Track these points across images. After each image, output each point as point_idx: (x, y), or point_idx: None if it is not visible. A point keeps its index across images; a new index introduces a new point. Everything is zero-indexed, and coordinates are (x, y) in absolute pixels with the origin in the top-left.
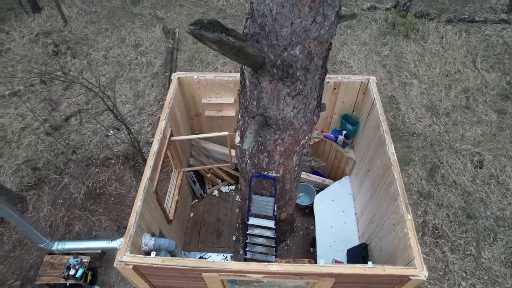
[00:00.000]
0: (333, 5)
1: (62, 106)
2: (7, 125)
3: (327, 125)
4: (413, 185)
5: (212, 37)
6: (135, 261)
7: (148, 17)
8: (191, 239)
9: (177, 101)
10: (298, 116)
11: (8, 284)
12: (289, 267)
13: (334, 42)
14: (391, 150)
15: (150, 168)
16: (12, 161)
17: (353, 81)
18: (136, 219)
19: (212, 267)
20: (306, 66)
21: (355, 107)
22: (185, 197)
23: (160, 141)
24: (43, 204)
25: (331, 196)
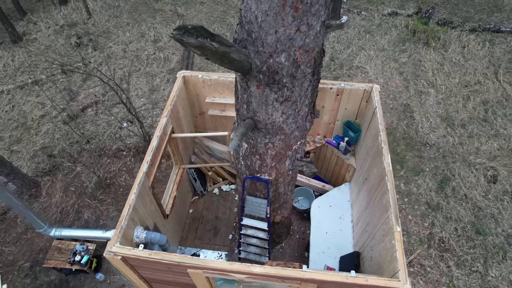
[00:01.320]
0: (317, 15)
1: (80, 97)
2: (27, 112)
3: (329, 131)
4: (422, 196)
5: (193, 42)
6: (124, 253)
7: (169, 13)
8: (188, 235)
9: (181, 99)
10: (287, 122)
11: (18, 264)
12: (272, 270)
13: (351, 47)
14: (387, 160)
15: (147, 163)
16: (30, 147)
17: (356, 88)
18: (128, 212)
19: (196, 264)
20: (292, 73)
21: (358, 114)
22: (185, 193)
23: (159, 138)
24: (55, 190)
25: (329, 202)
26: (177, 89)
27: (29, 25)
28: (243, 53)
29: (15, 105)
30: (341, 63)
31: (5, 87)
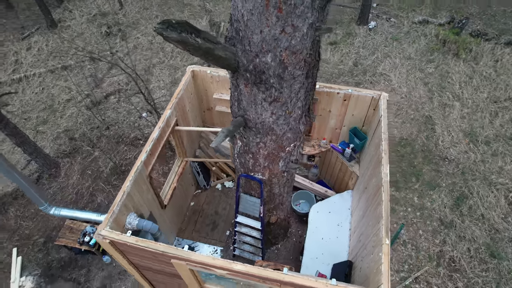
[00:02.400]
0: (303, 17)
1: (105, 84)
2: (55, 95)
3: (335, 136)
4: (435, 212)
5: (174, 37)
6: (112, 237)
7: (197, 8)
8: (187, 227)
9: (189, 93)
10: (278, 123)
11: (33, 239)
12: (252, 269)
13: (376, 53)
14: (385, 170)
15: (146, 152)
16: (54, 129)
17: (364, 95)
18: (122, 198)
19: (179, 255)
20: (279, 74)
21: (365, 121)
22: (188, 186)
23: (162, 129)
24: (73, 172)
25: (329, 208)
26: (184, 83)
27: (64, 12)
28: (230, 50)
29: (45, 88)
30: (364, 69)
31: (37, 70)
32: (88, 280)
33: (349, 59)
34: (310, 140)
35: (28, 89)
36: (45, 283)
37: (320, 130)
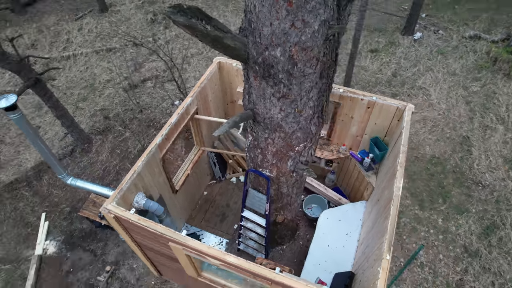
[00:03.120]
0: (315, 13)
1: (143, 69)
2: (97, 75)
3: (356, 143)
4: (460, 238)
5: (181, 21)
6: (117, 212)
7: (241, 4)
8: (197, 215)
9: (213, 83)
10: (287, 120)
11: (61, 207)
12: (244, 264)
13: (418, 66)
14: (398, 184)
15: (161, 136)
16: (92, 107)
17: (388, 104)
18: (132, 177)
19: (177, 239)
20: (288, 70)
21: (387, 132)
22: (203, 175)
23: (180, 115)
24: (104, 149)
25: (340, 216)
26: (209, 73)
27: None
28: (240, 41)
29: (89, 67)
30: (403, 80)
31: (85, 50)
32: (104, 253)
33: (389, 69)
34: (329, 145)
35: (74, 67)
36: (65, 250)
37: (341, 136)
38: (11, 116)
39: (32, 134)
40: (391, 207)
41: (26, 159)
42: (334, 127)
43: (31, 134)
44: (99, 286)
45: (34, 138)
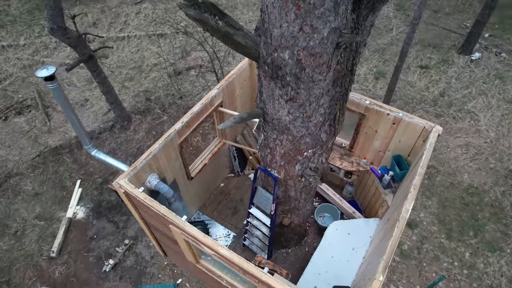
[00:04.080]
0: (324, 20)
1: (190, 57)
2: (146, 58)
3: (378, 158)
4: (487, 277)
5: (192, 14)
6: (127, 188)
7: None
8: (210, 205)
9: (242, 79)
10: (295, 124)
11: (94, 177)
12: (235, 258)
13: (471, 88)
14: (407, 206)
15: (182, 123)
16: (136, 87)
17: (415, 122)
18: (147, 158)
19: (176, 222)
20: (296, 73)
21: (411, 151)
22: (222, 167)
23: (204, 105)
24: (141, 129)
25: (350, 230)
26: (239, 68)
27: None
28: (251, 39)
29: (140, 50)
30: (451, 101)
31: (138, 33)
32: (125, 227)
33: (437, 87)
34: (350, 156)
35: (126, 48)
36: (92, 217)
37: (363, 149)
38: (49, 85)
39: (66, 104)
40: (395, 228)
41: (71, 128)
42: (357, 138)
43: (65, 104)
44: (116, 256)
45: (67, 108)
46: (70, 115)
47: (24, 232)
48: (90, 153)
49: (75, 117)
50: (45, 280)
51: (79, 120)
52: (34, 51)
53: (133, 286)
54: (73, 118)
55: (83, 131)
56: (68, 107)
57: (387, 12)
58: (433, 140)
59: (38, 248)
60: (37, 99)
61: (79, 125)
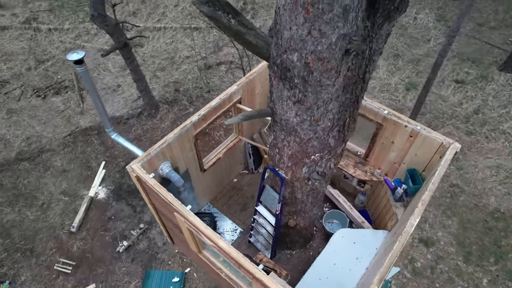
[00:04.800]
0: (332, 25)
1: (222, 53)
2: (179, 50)
3: (392, 170)
4: None
5: (205, 11)
6: (139, 173)
7: None
8: (221, 199)
9: (263, 78)
10: (302, 126)
11: (118, 160)
12: (233, 252)
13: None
14: (412, 221)
15: (198, 116)
16: (167, 78)
17: (432, 137)
18: (161, 146)
19: (180, 210)
20: (304, 76)
21: (427, 167)
22: (236, 163)
23: (222, 101)
24: (167, 118)
25: (356, 239)
26: (260, 67)
27: None
28: (263, 39)
29: (174, 41)
30: (485, 120)
31: (174, 25)
32: (142, 211)
33: (471, 104)
34: (365, 165)
35: (162, 38)
36: (112, 199)
37: (379, 159)
38: (78, 68)
39: (92, 87)
40: (397, 242)
41: None
42: (373, 148)
43: (91, 87)
44: (131, 239)
45: (93, 91)
46: (95, 98)
47: (49, 205)
48: (111, 136)
49: (99, 100)
50: (64, 252)
51: (103, 104)
52: (77, 35)
53: (143, 269)
54: (97, 101)
55: (105, 115)
56: (94, 90)
57: (426, 22)
58: (449, 157)
59: (61, 222)
60: (74, 81)
61: (102, 109)
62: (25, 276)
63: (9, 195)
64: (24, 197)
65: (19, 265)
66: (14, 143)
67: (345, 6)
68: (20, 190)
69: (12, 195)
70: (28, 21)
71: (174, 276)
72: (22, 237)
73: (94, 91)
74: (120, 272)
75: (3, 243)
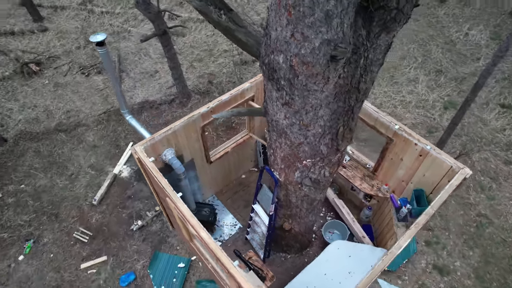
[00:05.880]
0: (315, 30)
1: None
2: (218, 43)
3: (400, 188)
4: None
5: (195, 4)
6: (140, 155)
7: None
8: (227, 192)
9: None
10: (292, 130)
11: None
12: (212, 244)
13: None
14: (400, 242)
15: (207, 108)
16: (203, 69)
17: (442, 159)
18: (167, 132)
19: (171, 196)
20: (290, 79)
21: (435, 189)
22: (246, 159)
23: (233, 96)
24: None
25: (352, 253)
26: None
27: None
28: (254, 38)
29: (215, 34)
30: None
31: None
32: None
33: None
34: (373, 179)
35: (203, 30)
36: (134, 179)
37: (387, 175)
38: (100, 50)
39: (111, 69)
40: (380, 261)
41: (137, 94)
42: (382, 163)
43: (111, 69)
44: (145, 219)
45: (112, 72)
46: (113, 80)
47: (77, 177)
48: (125, 117)
49: (118, 82)
50: (83, 222)
51: (121, 86)
52: (125, 20)
53: (152, 250)
54: (116, 83)
55: (122, 96)
56: (113, 72)
57: (478, 39)
58: (456, 182)
59: (85, 194)
60: (116, 63)
61: (119, 91)
62: (47, 239)
63: (45, 162)
64: (57, 165)
65: (44, 227)
66: (56, 115)
67: (327, 11)
68: (55, 158)
69: (47, 162)
70: (84, 2)
71: (180, 262)
72: (50, 202)
73: (113, 73)
74: (131, 250)
75: (33, 205)
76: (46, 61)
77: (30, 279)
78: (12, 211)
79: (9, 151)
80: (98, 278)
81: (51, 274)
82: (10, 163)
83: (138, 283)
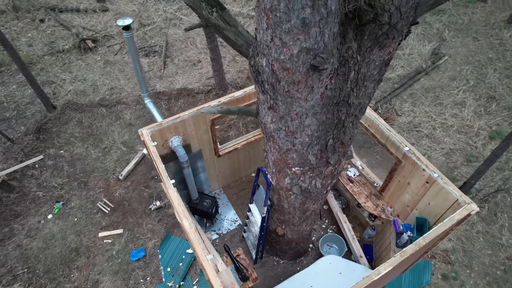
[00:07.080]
0: (293, 37)
1: None
2: None
3: (404, 213)
4: None
5: (186, 0)
6: (145, 138)
7: None
8: (234, 188)
9: None
10: (279, 135)
11: None
12: (191, 234)
13: None
14: (381, 269)
15: (218, 102)
16: (244, 64)
17: (448, 190)
18: (174, 120)
19: (165, 181)
20: (272, 83)
21: (438, 220)
22: (256, 158)
23: (246, 94)
24: None
25: (344, 270)
26: None
27: None
28: (244, 38)
29: None
30: None
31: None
32: None
33: None
34: (379, 199)
35: (251, 26)
36: None
37: (393, 197)
38: (125, 34)
39: (134, 53)
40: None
41: (178, 80)
42: (390, 184)
43: (133, 53)
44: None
45: (135, 57)
46: (135, 63)
47: (110, 151)
48: (144, 100)
49: (139, 67)
50: (108, 194)
51: (142, 71)
52: (179, 8)
53: (165, 231)
54: (137, 67)
55: (143, 81)
56: (136, 56)
57: None
58: (458, 216)
59: (113, 168)
60: (163, 48)
61: (141, 75)
62: (74, 203)
63: (84, 132)
64: (93, 137)
65: (73, 192)
66: (101, 90)
67: (304, 19)
68: (93, 130)
69: (86, 133)
70: None
71: (189, 247)
72: (82, 170)
73: (136, 57)
74: (146, 227)
75: (68, 170)
76: (102, 39)
77: (54, 237)
78: (49, 173)
79: (56, 118)
80: (111, 248)
81: (72, 237)
82: (55, 128)
83: (147, 260)
